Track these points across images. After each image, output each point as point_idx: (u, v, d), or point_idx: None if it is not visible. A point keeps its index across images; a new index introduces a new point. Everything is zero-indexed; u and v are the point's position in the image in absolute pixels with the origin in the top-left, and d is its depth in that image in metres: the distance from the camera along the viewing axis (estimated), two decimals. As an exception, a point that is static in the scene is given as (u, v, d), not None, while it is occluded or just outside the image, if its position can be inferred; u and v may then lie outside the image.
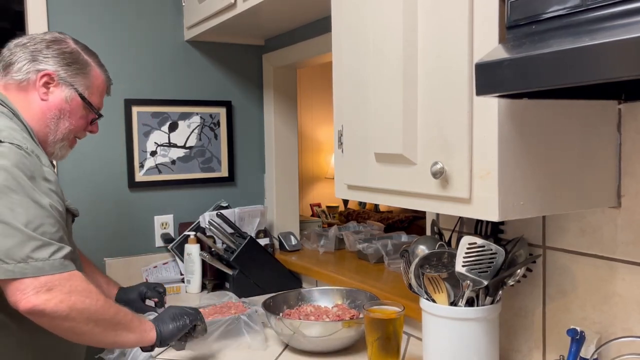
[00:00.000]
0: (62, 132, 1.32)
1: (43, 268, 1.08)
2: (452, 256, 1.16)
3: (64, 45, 1.32)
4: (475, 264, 1.11)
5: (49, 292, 1.08)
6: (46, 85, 1.29)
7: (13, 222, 1.07)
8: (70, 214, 1.30)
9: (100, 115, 1.41)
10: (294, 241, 2.31)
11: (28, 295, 1.06)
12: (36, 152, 1.17)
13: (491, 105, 0.88)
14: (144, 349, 1.30)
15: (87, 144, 1.82)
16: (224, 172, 2.35)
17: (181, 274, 2.18)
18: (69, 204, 1.28)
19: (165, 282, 2.11)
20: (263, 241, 2.20)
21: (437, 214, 1.43)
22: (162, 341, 1.29)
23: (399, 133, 1.04)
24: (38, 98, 1.28)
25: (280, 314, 1.58)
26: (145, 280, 2.15)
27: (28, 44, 1.29)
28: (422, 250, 1.26)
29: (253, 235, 2.16)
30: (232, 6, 1.83)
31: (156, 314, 1.45)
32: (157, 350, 1.51)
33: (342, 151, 1.22)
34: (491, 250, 1.11)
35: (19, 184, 1.09)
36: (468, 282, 1.12)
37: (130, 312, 1.28)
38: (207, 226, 2.09)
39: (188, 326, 1.34)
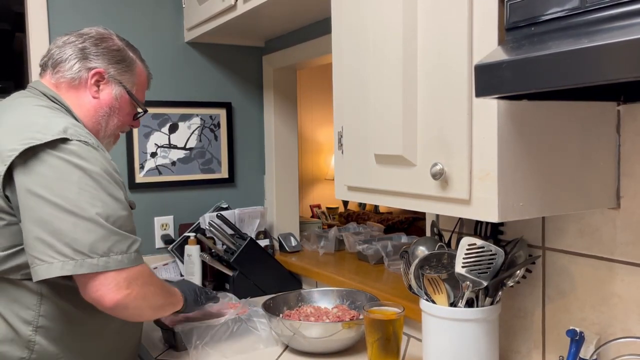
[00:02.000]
0: (111, 129, 1.35)
1: (123, 261, 1.12)
2: (452, 257, 1.16)
3: (111, 43, 1.35)
4: (474, 265, 1.11)
5: (129, 287, 1.13)
6: (97, 83, 1.31)
7: (95, 217, 1.09)
8: None
9: (145, 111, 1.44)
10: (293, 242, 2.31)
11: (112, 290, 1.10)
12: (101, 147, 1.20)
13: (491, 107, 0.89)
14: None
15: (87, 145, 1.82)
16: (224, 174, 2.35)
17: (181, 275, 2.18)
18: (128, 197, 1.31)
19: (165, 283, 2.12)
20: (263, 242, 2.20)
21: (437, 215, 1.43)
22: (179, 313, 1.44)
23: (399, 134, 1.04)
24: (89, 96, 1.30)
25: (280, 315, 1.58)
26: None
27: (76, 42, 1.31)
28: (422, 251, 1.26)
29: (253, 236, 2.16)
30: (232, 8, 1.83)
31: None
32: (157, 351, 1.52)
33: (342, 152, 1.23)
34: (491, 251, 1.11)
35: (94, 180, 1.12)
36: (468, 283, 1.12)
37: (174, 291, 1.39)
38: (207, 227, 2.09)
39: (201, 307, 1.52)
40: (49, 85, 1.30)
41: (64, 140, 1.12)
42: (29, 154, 1.10)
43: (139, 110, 1.42)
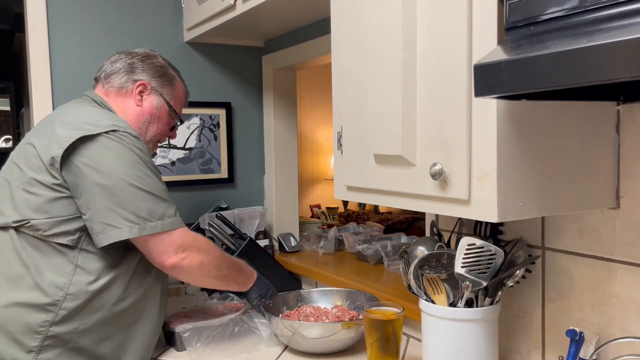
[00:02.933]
0: (150, 135, 1.53)
1: (173, 223, 1.34)
2: (451, 257, 1.16)
3: (156, 61, 1.55)
4: (474, 265, 1.11)
5: (185, 252, 1.34)
6: (141, 93, 1.51)
7: (148, 188, 1.31)
8: None
9: (182, 122, 1.64)
10: (293, 242, 2.31)
11: (170, 254, 1.32)
12: (141, 139, 1.39)
13: (490, 107, 0.89)
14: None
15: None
16: (223, 174, 2.35)
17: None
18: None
19: (164, 284, 2.11)
20: (263, 242, 2.20)
21: (437, 215, 1.43)
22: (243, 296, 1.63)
23: (398, 134, 1.04)
24: (134, 104, 1.50)
25: (280, 315, 1.58)
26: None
27: (126, 59, 1.52)
28: (422, 251, 1.26)
29: (252, 236, 2.16)
30: (231, 8, 1.83)
31: None
32: (158, 351, 1.52)
33: (342, 152, 1.23)
34: (490, 251, 1.11)
35: (141, 160, 1.33)
36: (467, 283, 1.12)
37: (246, 271, 1.57)
38: (206, 227, 2.09)
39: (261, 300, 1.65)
40: (99, 93, 1.51)
41: (114, 131, 1.32)
42: (85, 141, 1.29)
43: (176, 121, 1.60)
